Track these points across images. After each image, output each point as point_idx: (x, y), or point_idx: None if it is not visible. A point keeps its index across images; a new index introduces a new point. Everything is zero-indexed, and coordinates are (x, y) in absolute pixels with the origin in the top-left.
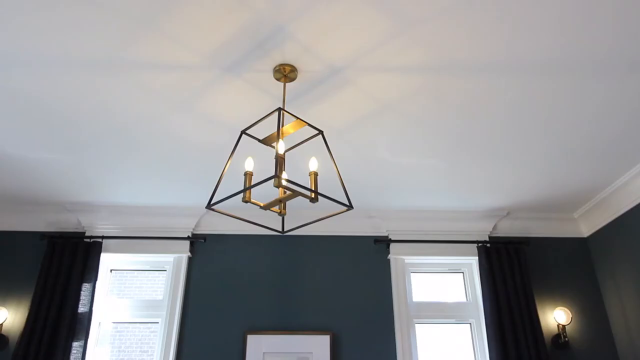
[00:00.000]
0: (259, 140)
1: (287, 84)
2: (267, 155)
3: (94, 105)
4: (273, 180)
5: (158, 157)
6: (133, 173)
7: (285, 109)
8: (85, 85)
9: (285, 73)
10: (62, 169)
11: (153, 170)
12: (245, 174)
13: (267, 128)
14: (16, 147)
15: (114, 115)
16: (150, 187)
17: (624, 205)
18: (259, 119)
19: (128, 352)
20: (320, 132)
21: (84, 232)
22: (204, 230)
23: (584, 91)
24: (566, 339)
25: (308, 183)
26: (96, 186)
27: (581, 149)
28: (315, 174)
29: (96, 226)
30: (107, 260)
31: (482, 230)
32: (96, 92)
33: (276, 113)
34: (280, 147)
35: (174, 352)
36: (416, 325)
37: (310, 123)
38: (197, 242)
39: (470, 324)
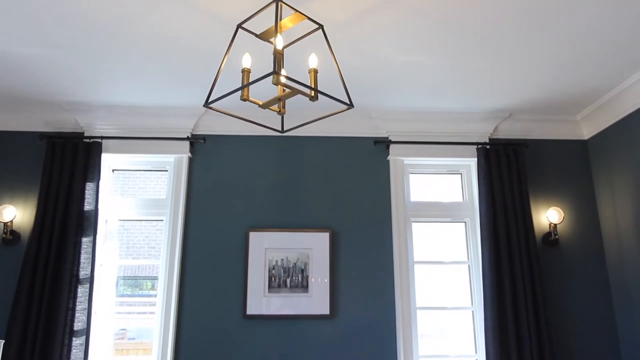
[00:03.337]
0: (256, 35)
1: None
2: (265, 52)
3: None
4: (272, 77)
5: (151, 54)
6: (127, 72)
7: (284, 1)
8: None
9: None
10: (53, 66)
11: (148, 68)
12: (243, 70)
13: (265, 22)
14: (3, 42)
15: (101, 10)
16: (146, 86)
17: (627, 108)
18: (256, 11)
19: (136, 247)
20: (320, 27)
21: (83, 132)
22: (204, 131)
23: None
24: (556, 237)
25: (308, 81)
26: (91, 85)
27: (587, 50)
28: (315, 71)
29: (94, 126)
30: (108, 160)
31: (483, 132)
32: None
33: (273, 5)
34: (279, 42)
35: (179, 248)
36: (413, 223)
37: (309, 16)
38: (197, 142)
39: (465, 222)
